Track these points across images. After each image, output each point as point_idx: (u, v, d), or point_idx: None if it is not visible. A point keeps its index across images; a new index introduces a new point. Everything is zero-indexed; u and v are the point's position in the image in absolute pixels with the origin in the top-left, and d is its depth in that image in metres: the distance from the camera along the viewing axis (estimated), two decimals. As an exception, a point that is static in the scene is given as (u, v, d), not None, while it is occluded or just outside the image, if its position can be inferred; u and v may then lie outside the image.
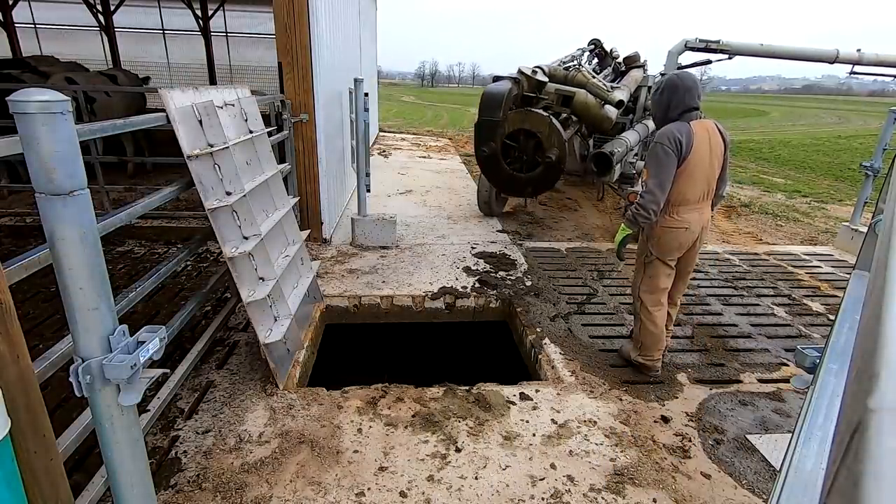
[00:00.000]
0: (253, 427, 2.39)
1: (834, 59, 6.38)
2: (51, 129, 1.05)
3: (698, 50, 6.59)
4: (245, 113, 2.87)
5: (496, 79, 5.35)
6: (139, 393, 1.24)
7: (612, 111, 5.62)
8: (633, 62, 7.35)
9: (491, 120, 5.03)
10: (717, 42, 6.37)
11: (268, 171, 3.01)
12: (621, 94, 5.70)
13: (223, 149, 2.46)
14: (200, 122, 2.34)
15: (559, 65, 6.05)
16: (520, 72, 5.26)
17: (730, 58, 6.63)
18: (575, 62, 6.41)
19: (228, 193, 2.47)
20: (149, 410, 2.12)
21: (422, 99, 44.76)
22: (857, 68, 6.34)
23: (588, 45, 7.74)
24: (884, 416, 0.31)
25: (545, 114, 5.00)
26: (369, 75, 9.83)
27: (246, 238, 2.56)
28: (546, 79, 5.39)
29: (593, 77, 5.68)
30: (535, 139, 4.99)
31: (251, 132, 2.88)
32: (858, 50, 6.24)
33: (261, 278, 2.70)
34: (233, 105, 2.74)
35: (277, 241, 3.04)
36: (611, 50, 7.81)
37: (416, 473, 2.17)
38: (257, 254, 2.63)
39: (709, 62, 6.77)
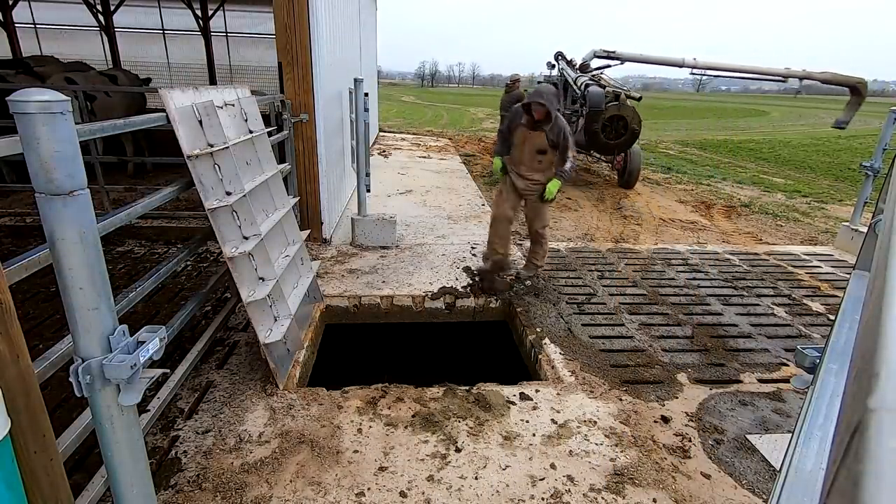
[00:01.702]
0: (253, 427, 2.39)
1: (682, 65, 9.00)
2: (51, 129, 1.05)
3: (602, 57, 9.46)
4: (245, 113, 2.87)
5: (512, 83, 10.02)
6: (139, 393, 1.24)
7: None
8: (585, 68, 9.74)
9: (597, 110, 7.74)
10: (613, 52, 9.35)
11: (268, 171, 3.01)
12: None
13: (223, 149, 2.45)
14: (200, 122, 2.34)
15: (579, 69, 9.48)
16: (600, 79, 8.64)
17: (621, 63, 9.58)
18: (598, 71, 9.58)
19: (228, 193, 2.47)
20: (149, 410, 2.12)
21: (422, 99, 44.76)
22: (696, 70, 9.05)
23: (555, 58, 10.39)
24: (884, 416, 0.31)
25: (630, 105, 8.01)
26: (369, 75, 9.83)
27: (246, 238, 2.56)
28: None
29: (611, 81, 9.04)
30: (623, 121, 7.83)
31: (251, 132, 2.88)
32: (694, 58, 9.02)
33: (261, 278, 2.70)
34: (233, 105, 2.74)
35: (277, 241, 3.04)
36: (571, 59, 10.32)
37: (416, 473, 2.17)
38: (257, 254, 2.63)
39: (608, 66, 9.64)
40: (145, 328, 1.31)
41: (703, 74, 9.04)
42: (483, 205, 6.85)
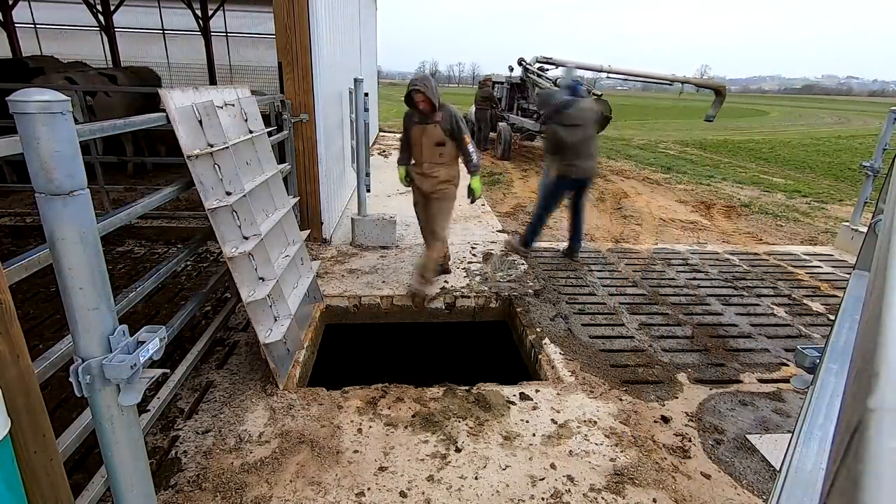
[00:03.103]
0: (253, 427, 2.39)
1: (600, 70, 10.43)
2: (51, 129, 1.05)
3: (543, 62, 11.38)
4: (245, 113, 2.87)
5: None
6: (139, 393, 1.24)
7: None
8: (543, 70, 11.45)
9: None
10: (551, 58, 11.27)
11: (268, 171, 3.01)
12: None
13: (223, 149, 2.45)
14: (200, 122, 2.34)
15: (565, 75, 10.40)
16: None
17: (556, 67, 11.32)
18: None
19: (228, 193, 2.47)
20: (149, 410, 2.12)
21: (422, 99, 44.67)
22: (611, 75, 10.67)
23: (518, 63, 11.79)
24: (884, 416, 0.31)
25: (608, 102, 9.94)
26: (369, 75, 9.84)
27: (246, 238, 2.56)
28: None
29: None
30: (601, 112, 9.46)
31: (251, 132, 2.88)
32: (609, 64, 10.53)
33: (261, 278, 2.70)
34: (233, 105, 2.74)
35: (277, 241, 3.04)
36: (528, 64, 11.85)
37: (416, 473, 2.17)
38: (257, 254, 2.63)
39: (546, 69, 11.28)
40: (145, 328, 1.31)
41: (615, 78, 10.94)
42: (483, 205, 6.85)
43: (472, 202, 3.93)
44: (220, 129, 2.46)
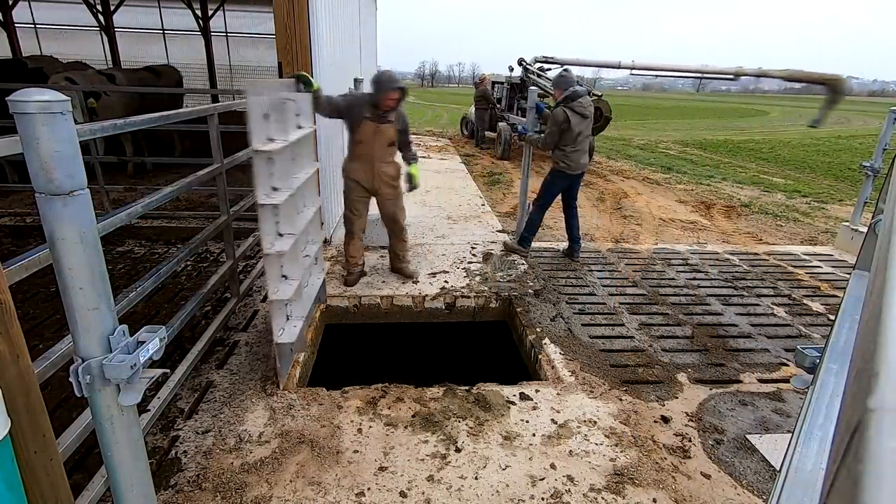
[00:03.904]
0: (253, 427, 2.39)
1: (619, 66, 9.64)
2: (51, 129, 1.05)
3: (542, 62, 11.17)
4: (299, 109, 2.91)
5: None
6: (139, 393, 1.24)
7: None
8: (543, 70, 11.60)
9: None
10: (552, 57, 10.81)
11: (308, 168, 3.04)
12: None
13: (283, 145, 2.51)
14: (267, 116, 2.41)
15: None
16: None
17: (559, 66, 10.74)
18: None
19: (275, 189, 2.51)
20: (149, 410, 2.12)
21: (422, 99, 44.75)
22: (635, 70, 9.63)
23: (518, 63, 11.67)
24: (884, 416, 0.31)
25: (608, 102, 10.51)
26: (369, 75, 9.81)
27: (281, 235, 2.60)
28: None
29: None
30: (599, 110, 9.67)
31: (300, 128, 2.92)
32: (632, 60, 9.49)
33: (285, 276, 2.72)
34: (294, 101, 2.80)
35: (304, 238, 3.06)
36: (528, 64, 11.96)
37: (416, 473, 2.17)
38: (290, 252, 2.66)
39: (546, 69, 11.24)
40: (145, 328, 1.31)
41: (642, 74, 9.83)
42: (483, 205, 6.85)
43: (412, 189, 3.94)
44: (283, 126, 2.52)
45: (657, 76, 10.02)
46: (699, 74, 8.35)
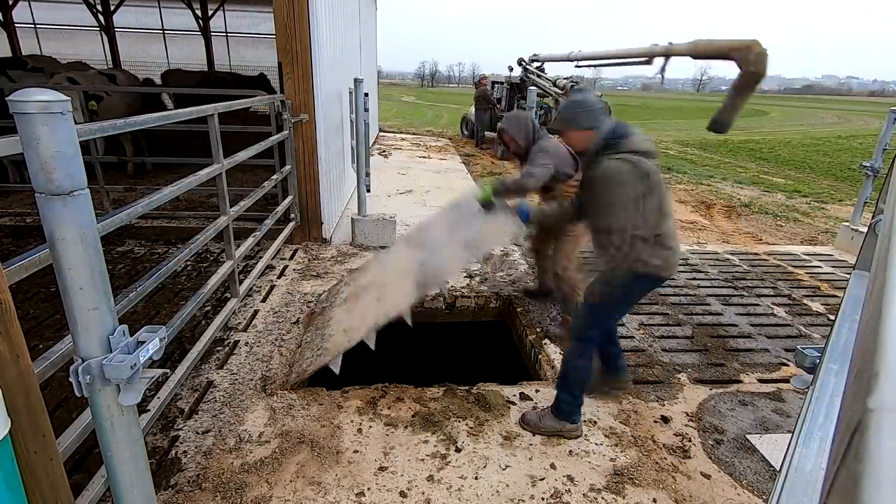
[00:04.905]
0: (253, 427, 2.39)
1: (568, 58, 9.68)
2: (51, 129, 1.05)
3: (534, 60, 11.62)
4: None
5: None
6: (139, 393, 1.24)
7: None
8: (542, 70, 11.79)
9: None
10: (537, 54, 11.36)
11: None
12: None
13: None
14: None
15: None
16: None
17: (540, 63, 11.58)
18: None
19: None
20: (149, 410, 2.12)
21: (422, 99, 44.75)
22: (580, 63, 9.49)
23: (518, 63, 12.04)
24: (884, 416, 0.31)
25: (607, 103, 10.46)
26: (369, 75, 9.83)
27: None
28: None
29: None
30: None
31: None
32: (580, 50, 9.49)
33: None
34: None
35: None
36: (527, 65, 12.20)
37: (416, 473, 2.17)
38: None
39: (545, 68, 11.51)
40: (145, 328, 1.31)
41: (584, 65, 9.69)
42: (483, 205, 6.84)
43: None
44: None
45: (595, 66, 9.43)
46: (617, 61, 8.22)
